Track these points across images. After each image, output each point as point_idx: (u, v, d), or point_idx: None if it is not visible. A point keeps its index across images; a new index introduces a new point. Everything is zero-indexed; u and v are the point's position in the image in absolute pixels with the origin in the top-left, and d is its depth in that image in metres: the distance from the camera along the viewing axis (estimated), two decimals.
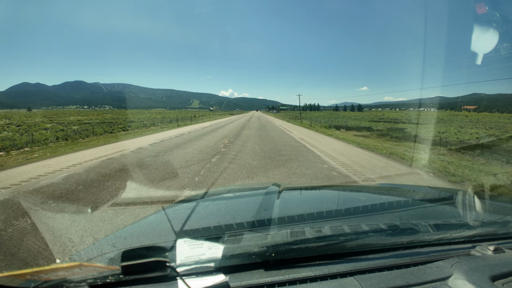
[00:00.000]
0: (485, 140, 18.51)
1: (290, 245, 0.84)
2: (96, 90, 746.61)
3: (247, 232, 1.00)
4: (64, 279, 0.70)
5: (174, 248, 0.81)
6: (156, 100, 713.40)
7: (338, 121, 47.27)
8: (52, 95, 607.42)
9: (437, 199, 1.50)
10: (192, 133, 16.57)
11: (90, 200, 4.02)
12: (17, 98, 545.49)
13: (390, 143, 15.23)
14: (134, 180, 5.19)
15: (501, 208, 1.41)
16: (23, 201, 3.93)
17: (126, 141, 12.28)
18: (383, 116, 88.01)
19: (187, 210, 1.35)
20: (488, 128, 35.36)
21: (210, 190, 2.03)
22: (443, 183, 5.44)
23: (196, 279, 0.72)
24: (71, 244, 2.65)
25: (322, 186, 2.39)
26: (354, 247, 0.86)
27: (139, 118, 43.74)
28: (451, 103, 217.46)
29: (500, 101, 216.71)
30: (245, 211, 1.29)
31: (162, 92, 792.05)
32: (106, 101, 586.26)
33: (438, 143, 15.41)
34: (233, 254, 0.80)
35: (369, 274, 0.76)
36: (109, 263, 0.82)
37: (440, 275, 0.74)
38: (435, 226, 1.03)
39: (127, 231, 1.13)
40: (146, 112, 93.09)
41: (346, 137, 14.95)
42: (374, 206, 1.33)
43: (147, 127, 23.92)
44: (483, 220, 1.15)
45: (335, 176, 5.72)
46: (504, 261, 0.79)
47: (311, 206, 1.38)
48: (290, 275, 0.75)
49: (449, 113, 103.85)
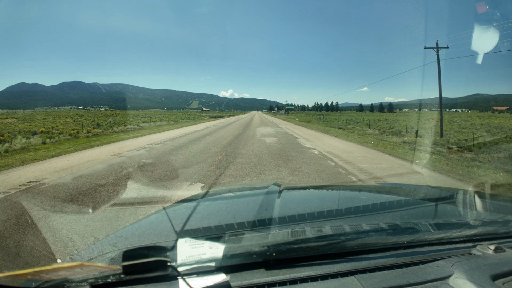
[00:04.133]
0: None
1: (291, 244, 0.84)
2: (94, 90, 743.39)
3: (248, 231, 1.00)
4: (65, 279, 0.70)
5: (175, 248, 0.81)
6: (155, 100, 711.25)
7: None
8: (49, 95, 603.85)
9: (438, 198, 1.51)
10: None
11: None
12: (13, 99, 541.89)
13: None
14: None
15: (502, 207, 1.41)
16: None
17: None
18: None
19: (188, 210, 1.35)
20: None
21: (211, 190, 2.03)
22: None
23: (197, 278, 0.72)
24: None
25: (322, 186, 2.40)
26: (355, 247, 0.86)
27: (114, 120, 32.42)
28: (452, 103, 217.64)
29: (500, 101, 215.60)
30: (246, 211, 1.29)
31: (161, 93, 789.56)
32: (104, 101, 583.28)
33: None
34: (234, 254, 0.79)
35: (370, 274, 0.76)
36: (110, 262, 0.81)
37: (441, 274, 0.74)
38: (435, 226, 1.03)
39: (127, 230, 1.13)
40: (131, 113, 78.81)
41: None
42: (374, 205, 1.33)
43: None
44: (483, 219, 1.15)
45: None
46: (504, 260, 0.80)
47: (311, 206, 1.39)
48: (291, 274, 0.75)
49: (486, 114, 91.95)
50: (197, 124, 28.15)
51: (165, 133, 16.69)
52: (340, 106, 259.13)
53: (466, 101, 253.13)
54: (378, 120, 41.68)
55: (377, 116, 70.46)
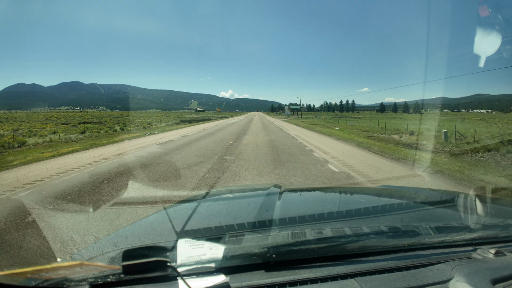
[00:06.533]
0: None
1: (291, 246, 0.84)
2: (93, 90, 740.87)
3: (248, 232, 1.00)
4: (65, 278, 0.69)
5: (175, 248, 0.80)
6: (154, 101, 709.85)
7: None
8: (47, 96, 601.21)
9: (439, 202, 1.51)
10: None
11: None
12: (11, 99, 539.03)
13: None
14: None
15: (502, 211, 1.41)
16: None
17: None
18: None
19: (188, 210, 1.35)
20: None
21: (212, 191, 2.02)
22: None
23: (196, 279, 0.72)
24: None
25: (323, 188, 2.39)
26: (355, 249, 0.86)
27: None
28: (455, 104, 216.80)
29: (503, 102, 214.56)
30: (246, 212, 1.28)
31: (160, 93, 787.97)
32: (103, 102, 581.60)
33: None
34: (234, 255, 0.79)
35: (370, 276, 0.76)
36: (110, 262, 0.81)
37: (441, 278, 0.74)
38: (436, 229, 1.03)
39: (128, 230, 1.13)
40: (120, 114, 71.15)
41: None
42: (375, 208, 1.33)
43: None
44: (484, 223, 1.15)
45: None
46: (505, 264, 0.80)
47: (312, 208, 1.39)
48: (291, 276, 0.75)
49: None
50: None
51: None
52: (357, 106, 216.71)
53: (469, 102, 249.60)
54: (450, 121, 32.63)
55: (409, 118, 50.06)
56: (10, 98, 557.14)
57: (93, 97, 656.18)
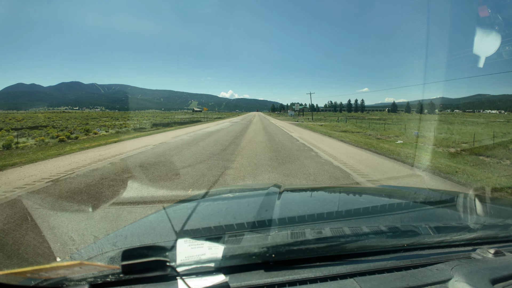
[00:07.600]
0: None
1: (291, 246, 0.84)
2: (92, 91, 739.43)
3: (247, 232, 1.00)
4: (64, 277, 0.69)
5: (175, 248, 0.80)
6: (154, 101, 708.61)
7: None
8: (47, 96, 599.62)
9: (438, 202, 1.51)
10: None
11: None
12: (11, 99, 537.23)
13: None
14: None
15: (502, 211, 1.41)
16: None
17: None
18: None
19: (187, 210, 1.34)
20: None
21: (211, 190, 2.01)
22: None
23: (196, 279, 0.72)
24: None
25: (323, 188, 2.39)
26: (354, 249, 0.86)
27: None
28: (455, 104, 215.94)
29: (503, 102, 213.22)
30: (246, 212, 1.28)
31: (160, 93, 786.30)
32: (102, 102, 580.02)
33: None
34: (234, 255, 0.79)
35: (369, 276, 0.76)
36: (110, 262, 0.81)
37: (441, 278, 0.74)
38: (435, 229, 1.03)
39: (127, 230, 1.13)
40: (108, 114, 64.21)
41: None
42: (374, 208, 1.33)
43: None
44: (483, 223, 1.15)
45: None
46: (504, 264, 0.80)
47: (311, 207, 1.39)
48: (290, 276, 0.75)
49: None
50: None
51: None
52: (366, 106, 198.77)
53: (469, 102, 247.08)
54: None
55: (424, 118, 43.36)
56: (10, 98, 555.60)
57: (93, 97, 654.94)
